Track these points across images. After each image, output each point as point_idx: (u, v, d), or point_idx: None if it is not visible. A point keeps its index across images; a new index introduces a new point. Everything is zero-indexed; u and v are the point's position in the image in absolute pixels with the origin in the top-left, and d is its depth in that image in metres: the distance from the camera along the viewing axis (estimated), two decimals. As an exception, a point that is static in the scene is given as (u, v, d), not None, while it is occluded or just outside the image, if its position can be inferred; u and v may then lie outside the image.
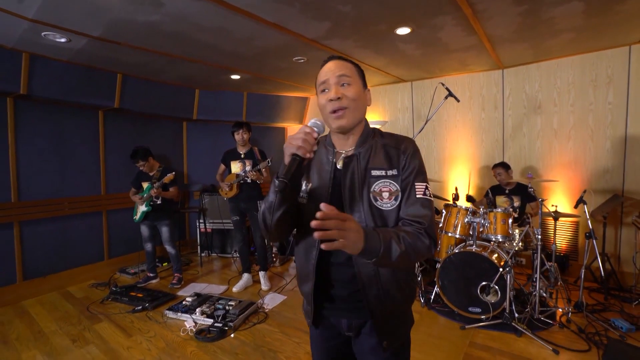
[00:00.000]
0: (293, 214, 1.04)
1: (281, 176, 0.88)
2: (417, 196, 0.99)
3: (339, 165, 1.05)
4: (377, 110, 4.96)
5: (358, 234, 0.83)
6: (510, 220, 2.91)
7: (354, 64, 1.06)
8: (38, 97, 3.35)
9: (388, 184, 1.00)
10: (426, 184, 1.01)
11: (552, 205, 3.18)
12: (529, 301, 2.76)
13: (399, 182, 1.00)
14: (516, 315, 2.63)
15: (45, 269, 3.62)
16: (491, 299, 2.67)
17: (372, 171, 1.01)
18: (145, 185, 3.64)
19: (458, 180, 4.32)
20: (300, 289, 1.12)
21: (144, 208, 3.60)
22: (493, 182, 3.76)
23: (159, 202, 3.63)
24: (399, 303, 1.06)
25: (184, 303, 3.06)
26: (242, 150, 3.64)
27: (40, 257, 3.58)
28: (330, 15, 2.48)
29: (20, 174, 3.41)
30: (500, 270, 2.59)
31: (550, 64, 3.70)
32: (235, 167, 3.65)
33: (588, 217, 2.91)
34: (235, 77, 4.14)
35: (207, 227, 4.79)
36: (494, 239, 2.93)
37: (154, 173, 3.64)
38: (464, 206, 3.14)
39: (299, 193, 1.05)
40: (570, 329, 2.58)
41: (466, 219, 3.02)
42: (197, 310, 2.88)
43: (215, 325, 2.70)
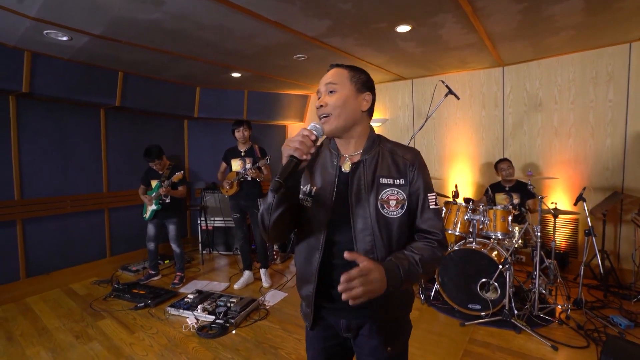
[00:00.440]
0: (291, 215, 1.04)
1: (277, 177, 0.90)
2: (431, 207, 1.03)
3: (344, 168, 1.06)
4: (378, 108, 4.96)
5: (381, 281, 0.87)
6: (510, 217, 2.92)
7: (351, 70, 1.06)
8: (40, 96, 3.36)
9: (395, 192, 1.02)
10: (435, 194, 1.06)
11: (552, 203, 3.18)
12: (528, 298, 2.77)
13: (406, 192, 1.02)
14: (515, 312, 2.65)
15: (48, 267, 3.65)
16: (491, 296, 2.68)
17: (381, 179, 1.02)
18: (154, 183, 3.66)
19: (458, 178, 4.33)
20: (300, 292, 1.12)
21: (154, 207, 3.62)
22: (493, 180, 3.77)
23: (167, 201, 3.65)
24: (400, 308, 1.09)
25: (185, 300, 3.09)
26: (243, 148, 3.66)
27: (43, 255, 3.61)
28: (330, 13, 2.49)
29: (22, 172, 3.44)
30: (500, 267, 2.61)
31: (551, 62, 3.70)
32: (236, 165, 3.67)
33: (588, 215, 2.92)
34: (236, 75, 4.14)
35: (209, 225, 4.81)
36: (493, 236, 2.94)
37: (163, 171, 3.67)
38: (464, 204, 3.15)
39: (300, 195, 1.06)
40: (569, 325, 2.60)
41: (466, 217, 3.03)
42: (199, 307, 2.91)
43: (217, 321, 2.73)
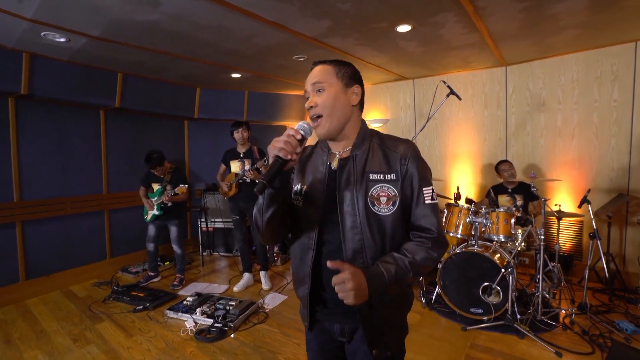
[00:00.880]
0: (284, 215, 1.02)
1: (261, 178, 0.88)
2: (426, 202, 0.97)
3: (334, 166, 1.03)
4: (379, 108, 4.93)
5: (360, 290, 0.85)
6: (512, 220, 2.87)
7: (336, 65, 1.02)
8: (39, 97, 3.35)
9: (386, 188, 0.96)
10: (432, 187, 0.99)
11: (556, 205, 3.13)
12: (531, 302, 2.73)
13: (398, 188, 0.97)
14: (518, 316, 2.59)
15: (47, 268, 3.64)
16: (493, 299, 2.64)
17: (370, 175, 0.98)
18: (155, 187, 3.64)
19: (460, 179, 4.28)
20: (296, 292, 1.11)
21: (155, 212, 3.60)
22: (495, 181, 3.72)
23: (169, 205, 3.63)
24: (391, 311, 1.04)
25: (184, 303, 3.06)
26: (242, 150, 3.64)
27: (42, 257, 3.60)
28: (329, 13, 2.45)
29: (22, 174, 3.43)
30: (503, 270, 2.56)
31: (554, 61, 3.64)
32: (235, 167, 3.66)
33: (592, 217, 2.87)
34: (236, 76, 4.12)
35: (209, 226, 4.80)
36: (496, 239, 2.89)
37: (164, 175, 3.65)
38: (466, 206, 3.10)
39: (290, 195, 1.03)
40: (574, 330, 2.55)
41: (468, 219, 2.98)
42: (198, 310, 2.88)
43: (215, 325, 2.70)
